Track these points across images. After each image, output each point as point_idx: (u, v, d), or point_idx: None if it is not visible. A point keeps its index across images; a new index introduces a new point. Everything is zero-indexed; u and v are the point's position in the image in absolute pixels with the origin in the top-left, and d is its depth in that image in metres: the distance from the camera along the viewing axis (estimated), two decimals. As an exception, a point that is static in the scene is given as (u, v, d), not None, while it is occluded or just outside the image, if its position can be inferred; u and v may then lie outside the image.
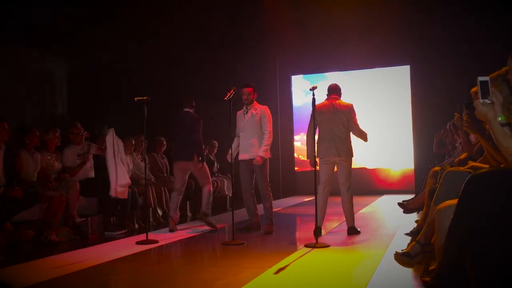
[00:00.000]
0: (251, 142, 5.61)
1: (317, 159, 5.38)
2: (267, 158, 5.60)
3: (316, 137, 5.32)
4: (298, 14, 10.19)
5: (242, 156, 5.68)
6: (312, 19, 10.15)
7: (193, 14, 8.77)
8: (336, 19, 9.80)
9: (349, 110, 5.39)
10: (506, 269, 2.08)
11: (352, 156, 5.45)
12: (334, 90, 5.54)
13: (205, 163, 5.90)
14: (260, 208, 5.78)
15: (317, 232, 4.90)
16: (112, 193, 5.58)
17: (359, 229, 5.37)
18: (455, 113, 4.60)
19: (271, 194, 5.69)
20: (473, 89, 3.24)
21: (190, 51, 9.25)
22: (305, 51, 10.84)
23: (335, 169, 5.41)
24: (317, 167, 5.26)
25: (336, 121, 5.35)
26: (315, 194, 5.02)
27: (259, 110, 5.67)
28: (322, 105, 5.38)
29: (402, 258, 3.10)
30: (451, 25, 9.23)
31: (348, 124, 5.36)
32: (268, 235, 5.43)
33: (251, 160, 5.58)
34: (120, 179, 5.63)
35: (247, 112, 5.70)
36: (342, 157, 5.32)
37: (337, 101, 5.44)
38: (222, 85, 5.69)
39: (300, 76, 11.65)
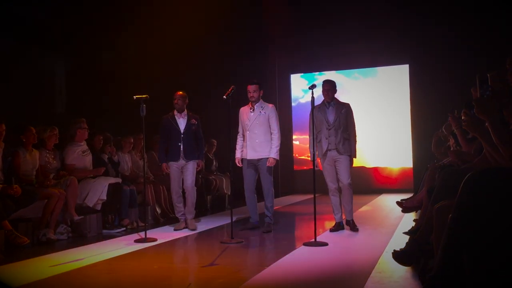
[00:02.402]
0: (259, 142, 5.54)
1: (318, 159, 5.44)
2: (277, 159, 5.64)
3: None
4: (298, 13, 10.18)
5: (248, 155, 5.57)
6: (312, 18, 10.14)
7: (192, 14, 8.76)
8: (336, 18, 9.80)
9: None
10: (505, 268, 2.08)
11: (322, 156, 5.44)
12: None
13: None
14: (260, 206, 5.76)
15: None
16: (91, 203, 5.55)
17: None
18: (448, 113, 4.60)
19: (273, 194, 5.67)
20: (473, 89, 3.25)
21: (190, 50, 9.24)
22: (304, 50, 10.84)
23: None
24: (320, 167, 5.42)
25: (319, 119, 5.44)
26: (314, 193, 4.94)
27: (267, 109, 5.59)
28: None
29: (400, 256, 3.11)
30: (451, 24, 9.23)
31: None
32: (267, 233, 5.42)
33: (258, 159, 5.55)
34: (103, 196, 5.61)
35: (253, 110, 5.59)
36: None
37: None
38: (221, 84, 5.66)
39: (299, 75, 11.65)
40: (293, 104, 11.57)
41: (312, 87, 4.80)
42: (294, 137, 11.50)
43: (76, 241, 5.12)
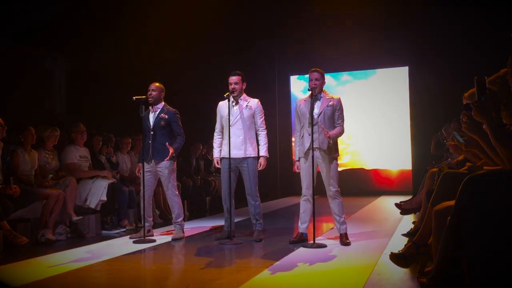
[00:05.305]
0: (243, 139, 5.04)
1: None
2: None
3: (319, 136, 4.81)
4: (297, 14, 10.19)
5: (231, 154, 4.95)
6: (311, 20, 10.15)
7: (192, 14, 8.76)
8: (335, 19, 9.81)
9: None
10: (503, 271, 2.08)
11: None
12: None
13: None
14: (245, 211, 5.48)
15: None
16: (93, 205, 5.55)
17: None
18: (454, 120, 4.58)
19: (260, 200, 5.17)
20: (471, 91, 3.26)
21: (189, 51, 9.24)
22: (304, 51, 10.85)
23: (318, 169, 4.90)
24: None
25: None
26: (313, 195, 4.79)
27: (253, 104, 5.11)
28: None
29: (397, 258, 3.11)
30: (450, 26, 9.24)
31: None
32: (261, 240, 5.04)
33: (242, 159, 5.05)
34: (103, 196, 5.61)
35: (235, 104, 5.09)
36: None
37: None
38: (221, 84, 5.64)
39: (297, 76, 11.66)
40: (293, 105, 11.57)
41: (312, 89, 4.77)
42: (293, 139, 11.50)
43: (75, 242, 5.11)
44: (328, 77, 10.12)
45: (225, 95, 5.01)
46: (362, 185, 10.61)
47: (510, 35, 2.40)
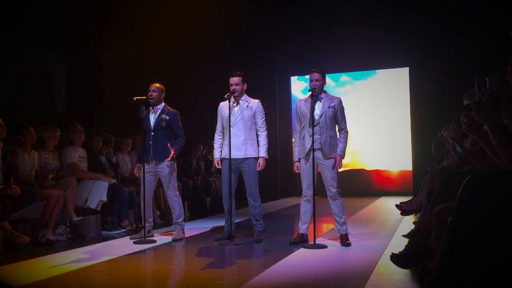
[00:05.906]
0: (244, 140, 5.05)
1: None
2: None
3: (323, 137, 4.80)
4: (298, 14, 10.20)
5: (232, 155, 4.94)
6: (312, 20, 10.15)
7: (192, 15, 8.77)
8: (336, 20, 9.82)
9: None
10: (504, 271, 2.08)
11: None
12: None
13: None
14: (246, 212, 5.51)
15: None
16: (93, 205, 5.55)
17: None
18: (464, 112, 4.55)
19: (260, 200, 5.17)
20: (471, 91, 3.25)
21: (189, 51, 9.25)
22: (304, 52, 10.85)
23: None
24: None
25: None
26: (313, 195, 4.81)
27: (254, 104, 5.14)
28: None
29: (398, 259, 3.11)
30: (451, 27, 9.24)
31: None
32: (261, 240, 5.04)
33: (242, 159, 5.06)
34: (103, 197, 5.61)
35: (237, 105, 5.11)
36: None
37: None
38: (221, 85, 5.64)
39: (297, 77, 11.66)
40: (293, 106, 11.57)
41: (312, 89, 4.78)
42: (293, 139, 11.49)
43: (75, 242, 5.11)
44: (327, 78, 10.08)
45: (225, 96, 5.02)
46: (362, 185, 10.61)
47: (510, 33, 2.39)
